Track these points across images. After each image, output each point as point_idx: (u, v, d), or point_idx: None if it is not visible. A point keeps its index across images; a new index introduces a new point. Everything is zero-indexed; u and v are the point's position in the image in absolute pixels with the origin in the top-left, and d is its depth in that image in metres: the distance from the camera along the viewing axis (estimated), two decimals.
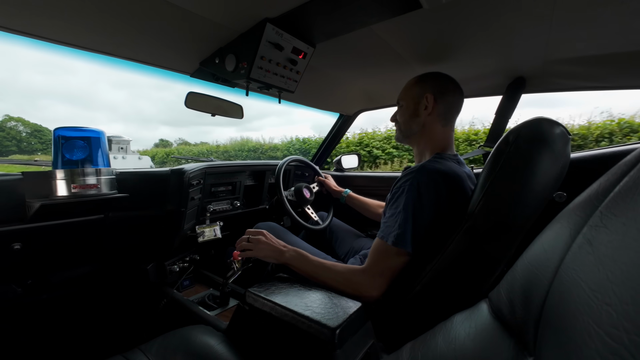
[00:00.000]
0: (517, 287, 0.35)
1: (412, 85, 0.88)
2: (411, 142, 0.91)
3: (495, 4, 0.66)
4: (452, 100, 0.84)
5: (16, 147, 24.32)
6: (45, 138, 24.58)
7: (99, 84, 74.96)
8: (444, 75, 0.85)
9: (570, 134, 0.61)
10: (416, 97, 0.85)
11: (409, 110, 0.87)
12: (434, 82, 0.84)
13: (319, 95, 1.45)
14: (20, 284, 1.09)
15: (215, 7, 0.70)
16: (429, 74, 0.87)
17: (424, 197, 0.69)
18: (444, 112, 0.83)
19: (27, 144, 25.38)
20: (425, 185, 0.70)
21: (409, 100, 0.87)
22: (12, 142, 24.50)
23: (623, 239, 0.23)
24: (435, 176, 0.71)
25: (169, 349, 0.71)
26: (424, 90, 0.84)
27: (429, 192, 0.69)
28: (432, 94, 0.82)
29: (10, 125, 25.66)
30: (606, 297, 0.21)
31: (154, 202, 1.11)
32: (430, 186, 0.70)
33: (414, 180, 0.71)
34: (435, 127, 0.84)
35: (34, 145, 25.20)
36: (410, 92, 0.87)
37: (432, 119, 0.84)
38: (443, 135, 0.85)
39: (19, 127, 25.89)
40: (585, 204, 0.29)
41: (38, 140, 25.33)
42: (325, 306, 0.69)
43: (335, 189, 1.45)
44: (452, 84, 0.84)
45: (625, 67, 0.89)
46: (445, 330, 0.43)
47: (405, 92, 0.89)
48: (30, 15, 0.66)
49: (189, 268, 1.28)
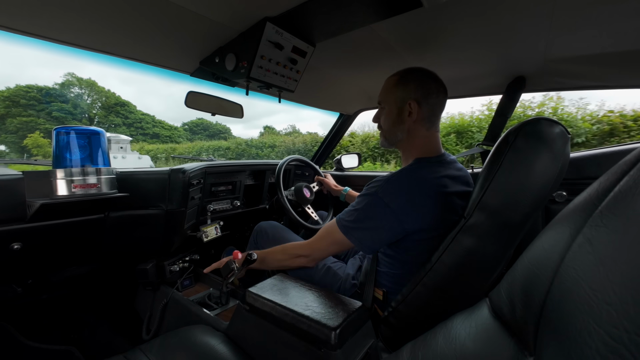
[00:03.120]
0: (517, 286, 0.35)
1: (393, 86, 0.83)
2: (397, 148, 0.89)
3: (495, 3, 0.66)
4: (436, 102, 0.81)
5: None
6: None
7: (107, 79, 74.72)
8: (425, 74, 0.81)
9: (570, 134, 0.61)
10: (399, 102, 0.82)
11: (392, 115, 0.83)
12: (416, 84, 0.80)
13: (319, 95, 1.45)
14: (20, 284, 1.09)
15: (216, 6, 0.70)
16: (409, 72, 0.82)
17: (383, 205, 0.72)
18: (428, 116, 0.81)
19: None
20: (389, 194, 0.72)
21: (391, 104, 0.84)
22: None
23: (623, 239, 0.23)
24: (403, 185, 0.73)
25: (169, 349, 0.71)
26: (407, 96, 0.80)
27: (392, 202, 0.71)
28: (416, 100, 0.79)
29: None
30: (606, 296, 0.22)
31: (154, 202, 1.11)
32: (395, 197, 0.72)
33: (380, 188, 0.74)
34: (419, 133, 0.82)
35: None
36: (392, 94, 0.83)
37: (416, 124, 0.81)
38: (428, 138, 0.82)
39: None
40: (586, 204, 0.29)
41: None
42: (325, 306, 0.69)
43: (335, 188, 1.46)
44: (434, 83, 0.80)
45: (625, 66, 0.89)
46: (446, 330, 0.43)
47: (386, 94, 0.85)
48: (31, 15, 0.66)
49: (189, 268, 1.28)
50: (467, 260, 0.64)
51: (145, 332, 1.16)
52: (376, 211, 0.72)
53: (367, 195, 0.75)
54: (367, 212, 0.74)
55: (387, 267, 0.82)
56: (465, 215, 0.65)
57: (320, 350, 0.61)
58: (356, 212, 0.76)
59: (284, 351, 0.67)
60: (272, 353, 0.70)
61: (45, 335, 1.18)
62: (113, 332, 1.27)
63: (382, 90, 0.87)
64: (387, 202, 0.71)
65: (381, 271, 0.84)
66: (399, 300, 0.73)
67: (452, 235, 0.66)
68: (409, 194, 0.71)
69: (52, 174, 0.83)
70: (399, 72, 0.84)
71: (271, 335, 0.70)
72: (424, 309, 0.69)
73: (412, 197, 0.71)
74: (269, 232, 1.16)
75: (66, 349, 1.16)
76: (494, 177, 0.61)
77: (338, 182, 1.59)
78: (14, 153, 21.08)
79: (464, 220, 0.64)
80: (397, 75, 0.84)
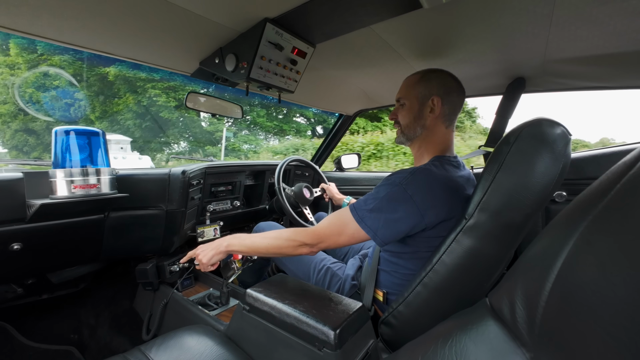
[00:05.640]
0: (517, 287, 0.35)
1: (416, 83, 0.83)
2: (413, 145, 0.88)
3: (495, 4, 0.66)
4: (457, 100, 0.81)
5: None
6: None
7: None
8: (446, 73, 0.82)
9: (571, 134, 0.61)
10: (420, 98, 0.81)
11: (413, 111, 0.83)
12: (438, 81, 0.81)
13: (319, 95, 1.45)
14: (20, 284, 1.09)
15: (216, 6, 0.70)
16: (432, 71, 0.83)
17: (407, 197, 0.69)
18: (448, 114, 0.81)
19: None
20: (414, 187, 0.69)
21: (412, 99, 0.83)
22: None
23: (623, 239, 0.23)
24: (429, 180, 0.71)
25: (169, 349, 0.71)
26: (430, 91, 0.80)
27: (415, 195, 0.69)
28: (439, 95, 0.79)
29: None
30: (606, 297, 0.21)
31: (154, 202, 1.11)
32: (419, 190, 0.69)
33: (404, 180, 0.71)
34: (438, 129, 0.82)
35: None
36: (413, 90, 0.83)
37: (436, 121, 0.81)
38: (445, 137, 0.82)
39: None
40: (585, 204, 0.29)
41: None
42: (325, 306, 0.69)
43: (337, 196, 1.46)
44: (455, 82, 0.82)
45: (626, 67, 0.89)
46: (446, 330, 0.43)
47: (407, 90, 0.85)
48: (31, 15, 0.66)
49: (189, 268, 1.28)
50: (468, 261, 0.64)
51: (145, 332, 1.16)
52: (398, 202, 0.70)
53: (390, 185, 0.72)
54: (388, 202, 0.70)
55: (390, 266, 0.82)
56: (466, 216, 0.65)
57: (320, 350, 0.61)
58: (375, 201, 0.72)
59: (283, 351, 0.67)
60: (272, 353, 0.70)
61: (45, 336, 1.17)
62: (113, 332, 1.27)
63: (403, 87, 0.87)
64: (411, 194, 0.69)
65: (383, 271, 0.83)
66: (399, 301, 0.73)
67: (453, 235, 0.66)
68: (434, 189, 0.70)
69: (52, 174, 0.83)
70: (420, 72, 0.85)
71: (271, 336, 0.70)
72: (424, 309, 0.69)
73: (435, 192, 0.70)
74: None
75: (66, 349, 1.16)
76: (495, 178, 0.61)
77: (338, 182, 1.59)
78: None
79: (465, 220, 0.64)
80: (418, 74, 0.84)
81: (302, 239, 0.77)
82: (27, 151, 9.64)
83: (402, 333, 0.73)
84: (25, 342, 1.12)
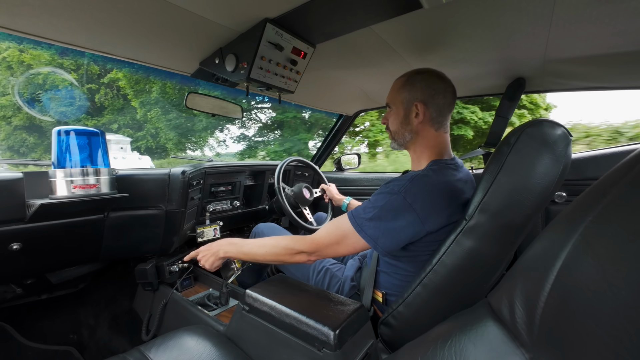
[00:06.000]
0: (516, 287, 0.35)
1: (400, 87, 0.82)
2: (407, 149, 0.87)
3: (495, 4, 0.66)
4: (443, 102, 0.79)
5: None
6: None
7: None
8: (433, 74, 0.80)
9: (572, 135, 0.61)
10: (405, 103, 0.81)
11: (399, 116, 0.83)
12: (422, 85, 0.79)
13: (319, 95, 1.45)
14: (20, 284, 1.09)
15: (216, 7, 0.70)
16: (416, 73, 0.81)
17: (407, 205, 0.69)
18: (436, 116, 0.79)
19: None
20: (413, 195, 0.69)
21: (398, 105, 0.83)
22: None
23: (622, 240, 0.23)
24: (428, 187, 0.70)
25: (169, 349, 0.71)
26: (414, 96, 0.79)
27: (415, 203, 0.68)
28: (422, 101, 0.78)
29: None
30: (606, 298, 0.21)
31: (154, 203, 1.11)
32: (419, 197, 0.69)
33: (403, 188, 0.70)
34: (428, 133, 0.81)
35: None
36: (398, 95, 0.83)
37: (423, 125, 0.80)
38: (437, 139, 0.81)
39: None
40: (585, 205, 0.29)
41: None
42: (325, 306, 0.69)
43: (337, 197, 1.46)
44: (442, 83, 0.79)
45: (626, 67, 0.89)
46: (445, 331, 0.43)
47: (394, 95, 0.84)
48: (31, 15, 0.66)
49: (189, 268, 1.28)
50: (468, 262, 0.64)
51: (145, 332, 1.16)
52: (398, 211, 0.69)
53: (388, 194, 0.71)
54: (388, 211, 0.70)
55: (389, 268, 0.82)
56: (466, 217, 0.65)
57: (320, 350, 0.61)
58: (375, 210, 0.71)
59: (283, 352, 0.67)
60: (271, 354, 0.70)
61: (45, 336, 1.17)
62: (112, 333, 1.27)
63: (390, 92, 0.86)
64: (410, 202, 0.68)
65: (382, 272, 0.83)
66: (398, 301, 0.73)
67: (453, 236, 0.66)
68: (432, 196, 0.70)
69: (52, 174, 0.83)
70: (406, 74, 0.83)
71: (270, 336, 0.70)
72: (424, 310, 0.69)
73: (434, 199, 0.70)
74: (267, 234, 1.17)
75: (65, 349, 1.16)
76: (496, 179, 0.61)
77: (338, 182, 1.59)
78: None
79: (465, 221, 0.64)
80: (404, 77, 0.83)
81: (300, 247, 0.76)
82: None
83: (401, 333, 0.73)
84: (25, 342, 1.12)
